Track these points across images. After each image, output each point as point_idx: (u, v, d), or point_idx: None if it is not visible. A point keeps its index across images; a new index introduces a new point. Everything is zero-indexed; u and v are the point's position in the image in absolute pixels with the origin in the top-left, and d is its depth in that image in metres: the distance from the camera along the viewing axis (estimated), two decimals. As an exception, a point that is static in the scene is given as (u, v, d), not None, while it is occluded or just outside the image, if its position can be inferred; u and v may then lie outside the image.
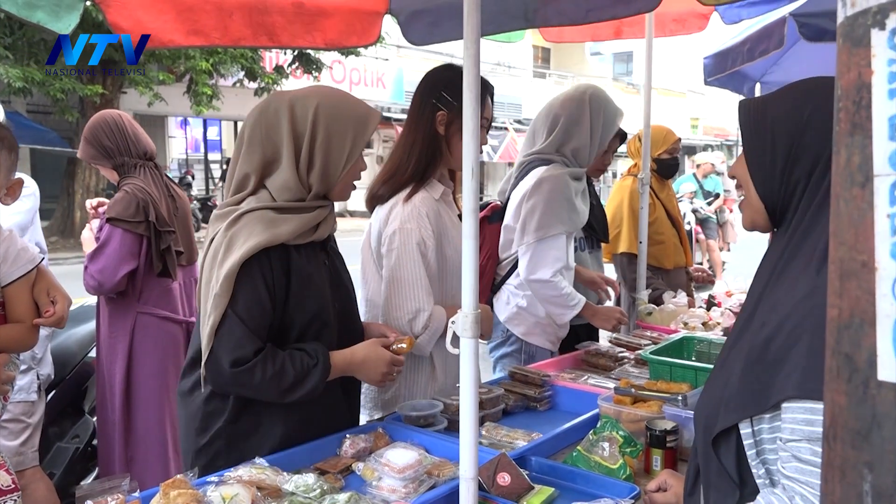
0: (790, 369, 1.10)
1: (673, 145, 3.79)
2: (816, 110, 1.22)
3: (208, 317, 1.71)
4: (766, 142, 1.26)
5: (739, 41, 4.08)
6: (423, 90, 2.27)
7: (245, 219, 1.75)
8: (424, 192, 2.22)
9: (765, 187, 1.27)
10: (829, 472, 0.64)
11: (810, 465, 1.07)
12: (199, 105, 13.44)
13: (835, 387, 0.63)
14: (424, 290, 2.15)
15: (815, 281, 1.13)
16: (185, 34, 2.37)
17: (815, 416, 1.06)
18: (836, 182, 0.63)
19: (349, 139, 1.81)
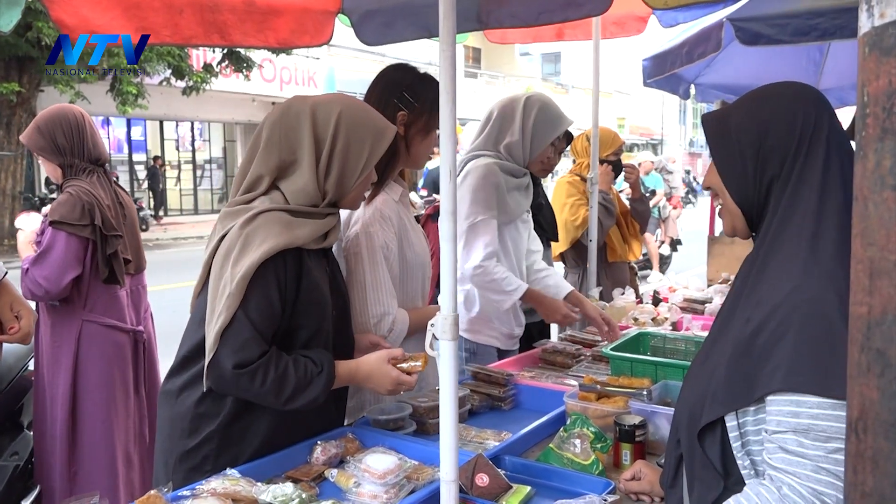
0: (776, 363, 1.13)
1: (618, 148, 3.89)
2: (774, 113, 1.28)
3: (218, 315, 1.66)
4: (734, 150, 1.31)
5: (678, 44, 4.20)
6: (381, 90, 2.26)
7: (261, 218, 1.72)
8: (385, 195, 2.21)
9: (740, 194, 1.32)
10: (859, 463, 0.67)
11: (797, 455, 1.11)
12: (125, 104, 12.97)
13: (864, 381, 0.66)
14: (388, 293, 2.14)
15: (800, 277, 1.17)
16: (133, 31, 2.29)
17: (800, 409, 1.11)
18: (862, 185, 0.65)
19: (367, 149, 1.82)
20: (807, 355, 1.11)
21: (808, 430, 1.11)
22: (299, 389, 1.71)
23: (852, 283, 0.68)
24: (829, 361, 1.09)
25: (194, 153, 22.67)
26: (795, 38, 3.47)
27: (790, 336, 1.13)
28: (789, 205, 1.25)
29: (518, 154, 2.86)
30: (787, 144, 1.26)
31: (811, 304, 1.14)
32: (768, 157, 1.27)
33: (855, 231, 0.67)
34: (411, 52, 21.96)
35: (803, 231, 1.21)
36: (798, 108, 1.29)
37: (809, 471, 1.10)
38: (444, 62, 1.49)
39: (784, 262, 1.21)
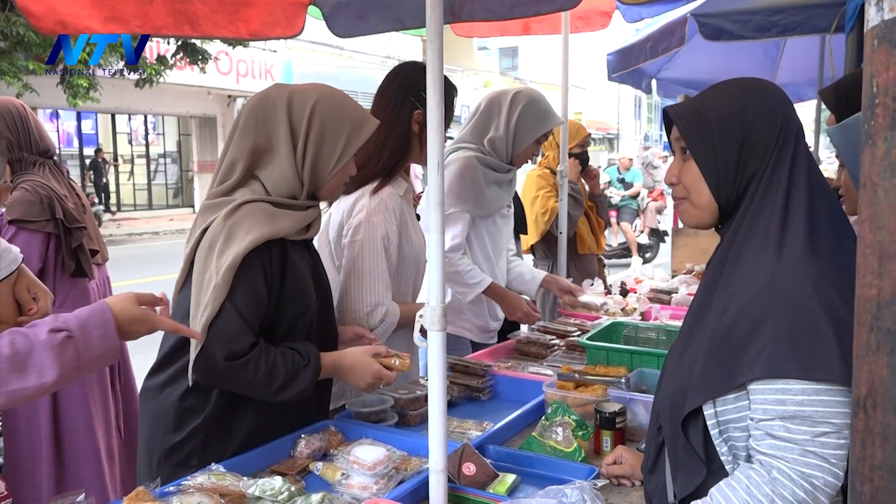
0: (756, 351, 1.16)
1: (584, 139, 3.94)
2: (759, 108, 1.30)
3: (204, 308, 1.65)
4: (714, 144, 1.31)
5: (642, 39, 4.28)
6: (396, 89, 2.28)
7: (244, 210, 1.72)
8: (391, 188, 2.24)
9: (720, 187, 1.32)
10: (867, 438, 0.70)
11: (784, 441, 1.14)
12: (76, 97, 12.61)
13: (873, 360, 0.69)
14: (384, 284, 2.16)
15: (774, 267, 1.20)
16: (102, 21, 2.24)
17: (786, 396, 1.14)
18: (871, 172, 0.68)
19: (342, 140, 1.80)
20: (787, 342, 1.14)
21: (794, 416, 1.14)
22: (288, 381, 1.71)
23: (859, 266, 0.71)
24: (810, 347, 1.12)
25: (148, 147, 22.18)
26: (757, 34, 3.57)
27: (769, 324, 1.15)
28: (762, 198, 1.27)
29: (501, 149, 2.87)
30: (769, 140, 1.29)
31: (787, 292, 1.16)
32: (752, 151, 1.29)
33: (863, 217, 0.70)
34: (369, 45, 21.88)
35: (773, 223, 1.24)
36: (777, 104, 1.32)
37: (797, 454, 1.13)
38: (431, 55, 1.50)
39: (758, 252, 1.24)
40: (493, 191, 2.87)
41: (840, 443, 1.12)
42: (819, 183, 1.29)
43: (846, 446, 1.12)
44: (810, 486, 1.13)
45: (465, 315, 2.92)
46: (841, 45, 3.33)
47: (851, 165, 1.71)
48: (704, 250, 4.21)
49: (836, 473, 1.13)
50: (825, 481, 1.13)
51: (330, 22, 2.87)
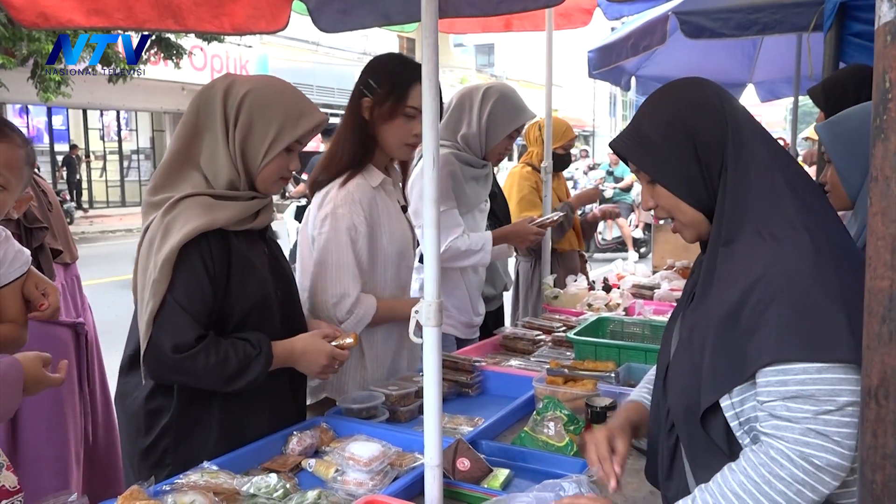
0: (761, 338, 1.15)
1: (569, 141, 3.92)
2: (695, 108, 1.29)
3: (146, 304, 1.65)
4: (673, 162, 1.30)
5: (623, 36, 4.31)
6: (358, 78, 2.26)
7: (182, 204, 1.71)
8: (360, 179, 2.20)
9: (698, 200, 1.31)
10: (879, 427, 0.71)
11: (785, 420, 1.14)
12: (47, 92, 12.38)
13: (885, 351, 0.70)
14: (351, 275, 2.13)
15: (770, 251, 1.19)
16: (85, 14, 2.20)
17: (787, 377, 1.13)
18: (884, 166, 0.69)
19: (272, 131, 1.75)
20: (789, 325, 1.13)
21: (796, 396, 1.13)
22: (240, 371, 1.70)
23: (871, 258, 0.72)
24: (812, 328, 1.12)
25: (120, 143, 21.86)
26: (737, 32, 3.61)
27: (772, 309, 1.14)
28: (738, 188, 1.25)
29: (475, 145, 2.86)
30: (719, 132, 1.27)
31: (786, 275, 1.16)
32: (708, 154, 1.28)
33: (875, 209, 0.71)
34: (346, 41, 21.76)
35: (761, 210, 1.23)
36: (710, 95, 1.30)
37: (797, 434, 1.12)
38: (426, 50, 1.49)
39: (750, 240, 1.23)
40: (472, 186, 2.87)
41: (844, 420, 1.11)
42: (784, 157, 1.28)
43: (853, 424, 1.10)
44: (811, 467, 1.12)
45: (450, 312, 2.91)
46: (819, 43, 3.38)
47: (839, 161, 1.73)
48: (685, 246, 4.25)
49: (839, 452, 1.11)
50: (828, 461, 1.11)
51: (315, 17, 2.85)
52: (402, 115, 2.16)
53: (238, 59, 19.93)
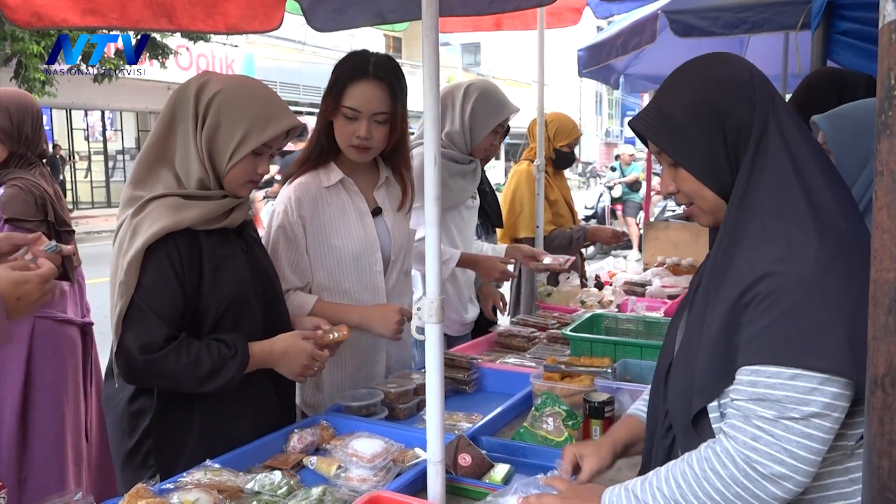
0: (749, 339, 1.12)
1: (574, 140, 3.88)
2: (723, 87, 1.21)
3: (115, 307, 1.65)
4: (700, 145, 1.23)
5: (613, 35, 4.34)
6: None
7: (151, 205, 1.70)
8: (308, 177, 2.19)
9: (720, 183, 1.24)
10: (886, 415, 0.73)
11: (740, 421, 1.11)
12: (31, 92, 12.26)
13: (891, 340, 0.72)
14: (286, 269, 2.13)
15: (778, 251, 1.13)
16: (79, 13, 2.19)
17: (758, 378, 1.10)
18: (889, 160, 0.71)
19: (238, 133, 1.73)
20: (777, 330, 1.09)
21: (762, 399, 1.09)
22: (214, 372, 1.69)
23: (876, 251, 0.74)
24: (799, 335, 1.07)
25: (105, 143, 21.69)
26: (726, 31, 3.65)
27: (766, 312, 1.10)
28: (752, 180, 1.19)
29: (460, 142, 2.86)
30: (748, 114, 1.20)
31: (786, 278, 1.11)
32: (737, 135, 1.21)
33: (879, 204, 0.73)
34: (332, 41, 21.70)
35: (771, 206, 1.17)
36: (741, 72, 1.22)
37: (748, 437, 1.09)
38: (426, 49, 1.51)
39: (756, 238, 1.17)
40: (458, 182, 2.86)
41: (806, 431, 1.07)
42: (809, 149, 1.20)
43: (816, 438, 1.07)
44: (754, 473, 1.08)
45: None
46: (806, 41, 3.42)
47: (839, 152, 1.74)
48: (675, 243, 4.29)
49: (788, 464, 1.07)
50: (773, 470, 1.07)
51: (309, 16, 2.85)
52: (341, 115, 2.12)
53: (224, 58, 19.84)
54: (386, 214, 2.29)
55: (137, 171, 1.77)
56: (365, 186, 2.27)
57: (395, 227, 2.30)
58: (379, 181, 2.29)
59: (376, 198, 2.29)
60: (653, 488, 1.19)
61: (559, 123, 3.78)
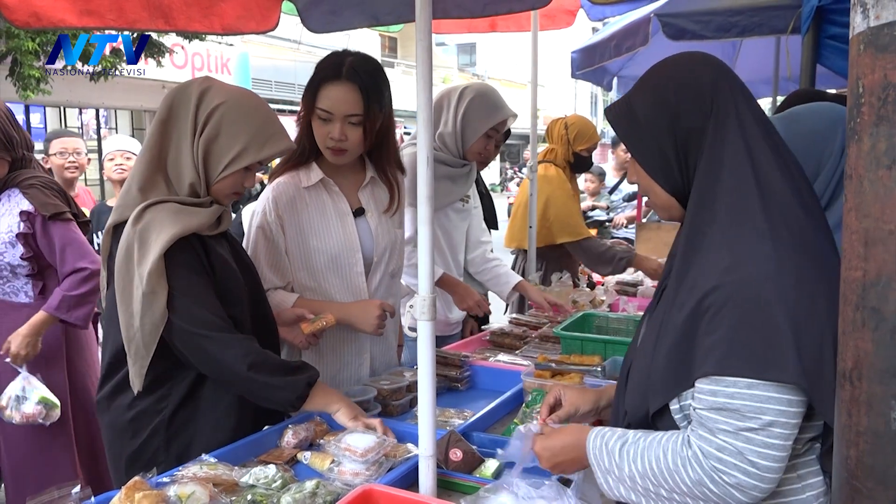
0: (708, 347, 1.14)
1: (594, 144, 3.86)
2: (679, 91, 1.24)
3: (139, 318, 1.67)
4: (650, 145, 1.27)
5: (606, 37, 4.37)
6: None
7: (150, 212, 1.71)
8: (287, 177, 2.20)
9: (670, 183, 1.28)
10: (853, 407, 0.77)
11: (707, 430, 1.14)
12: (26, 89, 12.23)
13: (859, 335, 0.76)
14: (264, 268, 2.16)
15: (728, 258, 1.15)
16: (77, 14, 2.22)
17: (718, 388, 1.13)
18: (857, 165, 0.75)
19: (235, 149, 1.76)
20: (734, 338, 1.11)
21: (721, 409, 1.12)
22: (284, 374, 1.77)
23: (845, 251, 0.78)
24: (754, 343, 1.10)
25: (100, 142, 21.63)
26: (718, 34, 3.69)
27: (722, 319, 1.13)
28: (706, 184, 1.22)
29: (451, 144, 2.84)
30: (701, 121, 1.23)
31: (740, 284, 1.13)
32: (688, 139, 1.24)
33: (848, 206, 0.77)
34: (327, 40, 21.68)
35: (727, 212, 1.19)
36: (702, 77, 1.24)
37: (714, 448, 1.13)
38: (420, 52, 1.54)
39: (713, 244, 1.19)
40: (444, 185, 2.84)
41: (767, 441, 1.10)
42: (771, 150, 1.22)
43: (776, 447, 1.10)
44: (721, 482, 1.12)
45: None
46: (797, 45, 3.46)
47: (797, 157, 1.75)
48: (667, 243, 4.28)
49: (753, 473, 1.10)
50: (738, 480, 1.11)
51: (304, 17, 2.88)
52: (316, 116, 2.13)
53: (219, 57, 19.80)
54: (369, 215, 2.28)
55: (143, 176, 1.77)
56: (349, 187, 2.27)
57: (378, 229, 2.28)
58: (364, 181, 2.29)
59: (360, 198, 2.29)
60: (629, 458, 1.23)
61: (580, 127, 3.76)
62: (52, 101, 15.81)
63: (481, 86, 2.94)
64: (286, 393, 1.76)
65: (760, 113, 1.26)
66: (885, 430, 0.72)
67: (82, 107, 20.06)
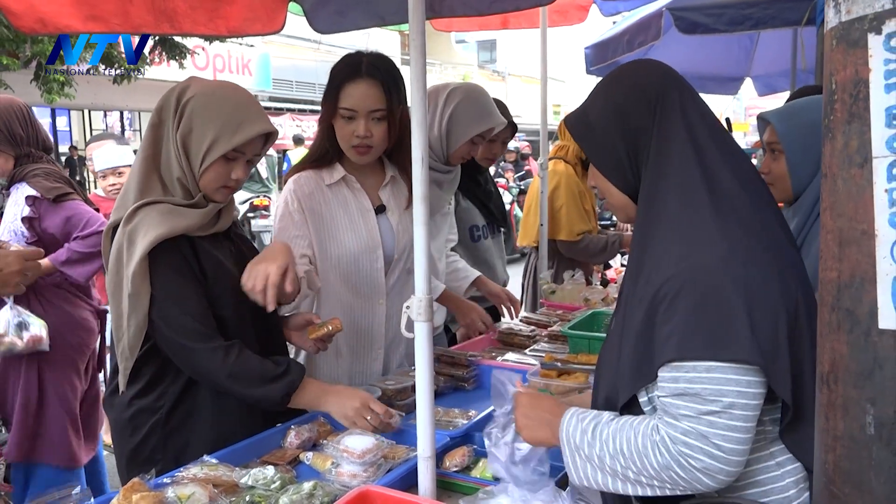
0: (666, 335, 1.17)
1: None
2: (627, 95, 1.30)
3: (124, 319, 1.70)
4: (603, 146, 1.33)
5: (619, 32, 4.33)
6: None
7: (141, 213, 1.73)
8: (310, 173, 2.22)
9: (625, 184, 1.34)
10: (830, 411, 0.75)
11: (671, 416, 1.16)
12: (51, 93, 12.44)
13: (835, 338, 0.74)
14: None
15: (679, 248, 1.19)
16: (82, 19, 2.25)
17: (678, 374, 1.15)
18: (831, 163, 0.73)
19: (208, 138, 1.74)
20: (691, 323, 1.13)
21: (683, 394, 1.14)
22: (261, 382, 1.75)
23: (822, 251, 0.76)
24: (711, 326, 1.12)
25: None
26: (730, 27, 3.64)
27: (678, 306, 1.15)
28: (656, 178, 1.27)
29: (437, 148, 2.72)
30: (646, 120, 1.28)
31: (692, 271, 1.16)
32: (636, 140, 1.29)
33: (824, 205, 0.75)
34: (347, 39, 21.77)
35: (671, 202, 1.23)
36: (648, 80, 1.30)
37: (679, 433, 1.14)
38: (413, 52, 1.54)
39: (662, 235, 1.23)
40: (433, 190, 2.73)
41: (730, 423, 1.11)
42: (716, 144, 1.25)
43: (739, 428, 1.12)
44: (688, 466, 1.13)
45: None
46: (812, 37, 3.41)
47: (792, 154, 1.71)
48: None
49: (718, 456, 1.11)
50: (704, 464, 1.12)
51: (310, 18, 2.89)
52: (339, 116, 2.14)
53: (240, 58, 19.96)
54: (390, 213, 2.31)
55: (139, 179, 1.78)
56: (370, 186, 2.30)
57: (399, 226, 2.30)
58: (385, 181, 2.32)
59: (381, 196, 2.32)
60: (602, 438, 1.24)
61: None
62: (76, 104, 16.05)
63: (470, 88, 2.80)
64: (265, 402, 1.78)
65: (707, 111, 1.31)
66: (861, 434, 0.70)
67: (107, 109, 20.34)
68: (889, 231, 0.67)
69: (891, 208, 0.67)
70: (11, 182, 2.76)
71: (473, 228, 3.25)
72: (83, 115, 20.45)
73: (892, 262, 0.67)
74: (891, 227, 0.67)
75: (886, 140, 0.67)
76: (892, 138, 0.66)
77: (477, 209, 3.25)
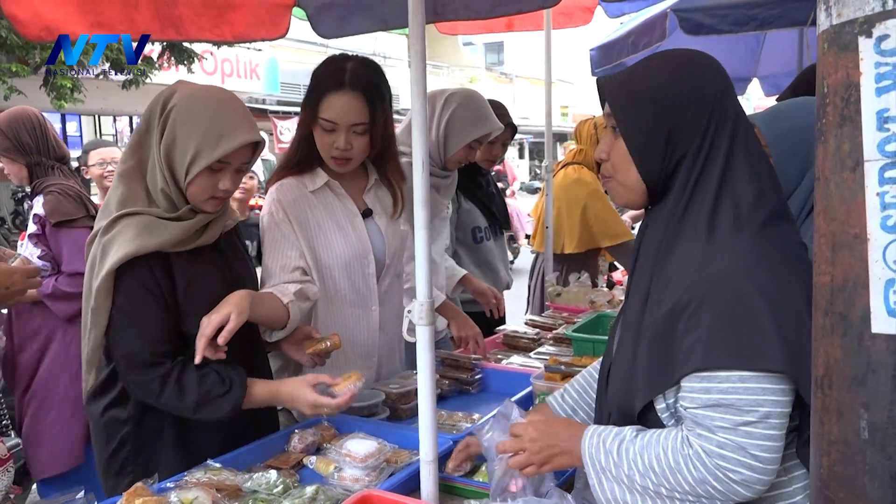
0: (691, 344, 1.14)
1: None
2: (690, 88, 1.23)
3: (87, 336, 1.71)
4: (644, 121, 1.24)
5: (624, 34, 4.33)
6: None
7: (119, 225, 1.70)
8: (292, 180, 2.15)
9: (647, 168, 1.27)
10: (824, 416, 0.75)
11: (706, 428, 1.14)
12: (60, 99, 12.53)
13: (828, 342, 0.73)
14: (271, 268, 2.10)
15: (705, 252, 1.17)
16: (87, 26, 2.26)
17: (710, 384, 1.13)
18: (824, 167, 0.73)
19: (191, 150, 1.67)
20: (717, 332, 1.11)
21: (717, 405, 1.12)
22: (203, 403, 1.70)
23: (815, 255, 0.76)
24: (739, 335, 1.10)
25: (134, 149, 22.06)
26: (735, 28, 3.62)
27: (703, 314, 1.13)
28: (695, 183, 1.23)
29: (434, 153, 2.72)
30: (700, 121, 1.22)
31: (718, 278, 1.14)
32: (682, 133, 1.23)
33: (818, 209, 0.75)
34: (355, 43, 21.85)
35: (704, 209, 1.20)
36: (713, 83, 1.24)
37: (715, 445, 1.12)
38: (414, 57, 1.54)
39: (690, 239, 1.20)
40: (432, 195, 2.76)
41: (766, 433, 1.10)
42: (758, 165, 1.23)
43: (775, 437, 1.10)
44: (727, 479, 1.11)
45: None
46: (818, 37, 3.38)
47: (779, 157, 1.68)
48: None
49: (756, 467, 1.10)
50: (743, 476, 1.11)
51: (314, 23, 2.90)
52: (319, 126, 2.07)
53: (248, 62, 20.06)
54: (377, 216, 2.25)
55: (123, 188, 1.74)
56: (354, 189, 2.24)
57: (388, 230, 2.26)
58: (368, 184, 2.26)
59: (366, 200, 2.26)
60: (629, 457, 1.21)
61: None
62: (86, 109, 16.18)
63: (467, 93, 2.80)
64: (213, 421, 1.74)
65: (747, 121, 1.28)
66: (855, 438, 0.70)
67: (116, 115, 20.45)
68: (881, 234, 0.67)
69: (882, 212, 0.66)
70: (34, 192, 2.83)
71: (476, 230, 3.26)
72: (94, 121, 20.56)
73: (885, 266, 0.67)
74: (882, 230, 0.67)
75: (878, 143, 0.66)
76: (884, 142, 0.66)
77: (479, 211, 3.25)
